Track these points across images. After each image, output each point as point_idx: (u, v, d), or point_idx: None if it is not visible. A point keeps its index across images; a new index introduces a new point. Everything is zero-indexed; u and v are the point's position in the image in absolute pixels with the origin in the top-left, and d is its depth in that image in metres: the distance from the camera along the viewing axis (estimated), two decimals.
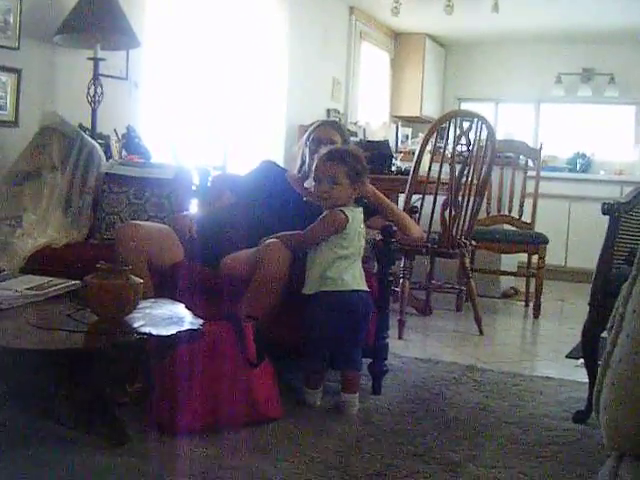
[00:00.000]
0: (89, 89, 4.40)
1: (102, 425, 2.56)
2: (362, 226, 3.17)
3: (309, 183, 3.44)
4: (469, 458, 2.65)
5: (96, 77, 4.39)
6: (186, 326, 2.57)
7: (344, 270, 3.08)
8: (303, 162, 3.70)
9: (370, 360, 3.37)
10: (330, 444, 2.71)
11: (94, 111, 4.41)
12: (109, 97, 4.52)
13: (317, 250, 3.11)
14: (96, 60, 4.38)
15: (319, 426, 2.88)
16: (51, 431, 2.60)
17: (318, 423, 2.91)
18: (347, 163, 3.13)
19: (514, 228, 6.08)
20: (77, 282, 2.82)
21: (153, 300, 2.89)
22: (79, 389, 2.57)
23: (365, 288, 3.15)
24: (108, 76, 4.67)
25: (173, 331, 2.50)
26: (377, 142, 5.85)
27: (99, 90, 4.40)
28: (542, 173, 6.37)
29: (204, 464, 2.45)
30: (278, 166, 3.89)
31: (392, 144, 6.06)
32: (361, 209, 3.19)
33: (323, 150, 3.21)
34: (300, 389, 3.16)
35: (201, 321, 2.62)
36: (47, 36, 4.35)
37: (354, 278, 3.10)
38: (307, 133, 3.72)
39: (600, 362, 1.18)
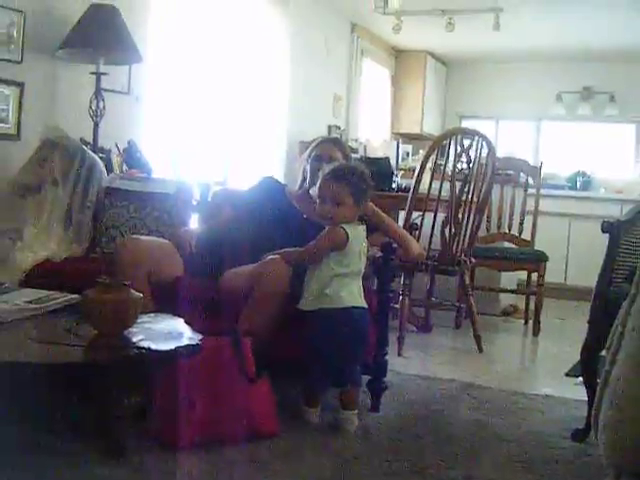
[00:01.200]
0: (91, 103, 4.41)
1: (101, 439, 2.56)
2: (364, 244, 3.15)
3: (314, 191, 3.40)
4: (467, 475, 2.64)
5: (98, 91, 4.41)
6: (185, 341, 2.57)
7: (342, 287, 3.07)
8: (304, 179, 3.70)
9: (369, 377, 3.36)
10: (328, 461, 2.70)
11: (96, 125, 4.42)
12: (111, 111, 4.54)
13: (316, 266, 3.10)
14: (98, 75, 4.39)
15: (317, 442, 2.87)
16: (50, 445, 2.59)
17: (316, 439, 2.91)
18: (351, 183, 3.10)
19: (514, 246, 6.09)
20: (77, 296, 2.81)
21: (153, 315, 2.89)
22: (78, 403, 2.57)
23: (363, 305, 3.13)
24: (110, 90, 4.68)
25: (172, 346, 2.51)
26: (378, 159, 5.86)
27: (101, 104, 4.41)
28: (542, 191, 6.38)
29: (201, 479, 2.45)
30: (278, 182, 3.88)
31: (393, 161, 6.07)
32: (364, 227, 3.18)
33: (327, 168, 3.19)
34: (298, 405, 3.15)
35: (200, 336, 2.62)
36: (50, 50, 4.37)
37: (351, 294, 3.08)
38: (308, 150, 3.72)
39: (599, 380, 1.18)
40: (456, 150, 4.68)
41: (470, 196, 4.75)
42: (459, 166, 4.72)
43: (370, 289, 3.39)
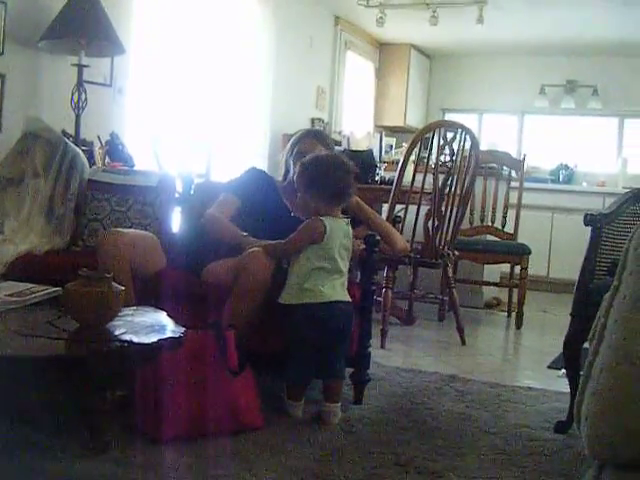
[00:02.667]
0: (73, 95, 4.39)
1: (83, 433, 2.54)
2: (347, 238, 3.13)
3: None
4: (450, 468, 2.64)
5: (80, 83, 4.39)
6: (168, 334, 2.56)
7: (324, 281, 3.06)
8: (287, 171, 3.68)
9: (352, 369, 3.36)
10: (311, 453, 2.70)
11: (78, 117, 4.40)
12: (93, 104, 4.52)
13: (297, 260, 3.09)
14: (80, 67, 4.37)
15: (300, 435, 2.87)
16: (32, 439, 2.58)
17: (299, 432, 2.90)
18: (306, 174, 3.13)
19: (497, 239, 6.10)
20: (58, 289, 2.80)
21: (135, 308, 2.88)
22: (60, 397, 2.56)
23: (346, 298, 3.13)
24: (92, 83, 4.66)
25: (155, 339, 2.49)
26: (361, 152, 5.85)
27: (83, 96, 4.39)
28: (525, 184, 6.40)
29: (185, 473, 2.44)
30: (266, 174, 3.83)
31: (376, 154, 6.06)
32: (348, 220, 3.17)
33: (306, 158, 3.21)
34: (282, 398, 3.15)
35: (183, 329, 2.61)
36: (31, 41, 4.35)
37: (333, 289, 3.07)
38: (290, 144, 3.69)
39: (582, 373, 1.18)
40: (439, 143, 4.68)
41: (453, 189, 4.76)
42: (442, 159, 4.72)
43: (353, 282, 3.38)
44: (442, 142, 4.69)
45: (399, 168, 4.73)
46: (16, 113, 4.30)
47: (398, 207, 4.77)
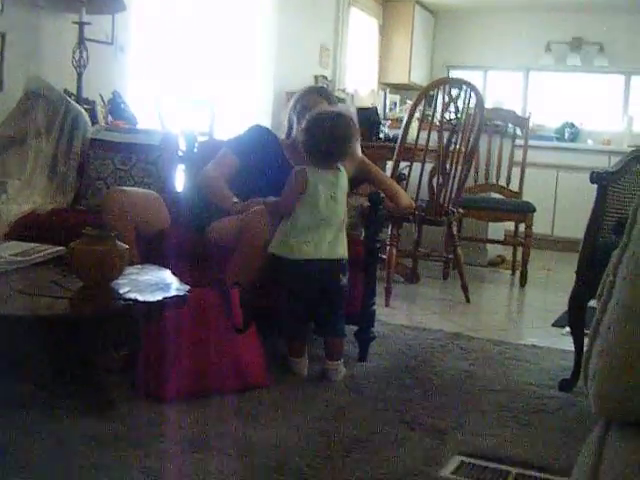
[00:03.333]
0: (74, 54, 4.35)
1: (89, 392, 2.55)
2: (336, 188, 3.07)
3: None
4: (455, 425, 2.66)
5: (81, 41, 4.35)
6: (172, 292, 2.56)
7: (307, 237, 3.03)
8: (290, 129, 3.65)
9: (357, 327, 3.37)
10: (316, 411, 2.71)
11: (79, 76, 4.36)
12: (95, 62, 4.48)
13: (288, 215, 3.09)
14: (81, 24, 4.32)
15: (305, 393, 2.88)
16: (38, 399, 2.59)
17: (304, 390, 2.92)
18: (303, 130, 3.14)
19: (502, 196, 6.08)
20: (62, 248, 2.79)
21: (139, 266, 2.88)
22: (65, 356, 2.56)
23: (334, 256, 3.07)
24: (93, 40, 4.61)
25: (159, 297, 2.49)
26: (365, 109, 5.82)
27: (84, 55, 4.35)
28: (530, 142, 6.35)
29: (190, 431, 2.45)
30: (270, 132, 3.79)
31: (380, 111, 6.03)
32: (338, 172, 3.12)
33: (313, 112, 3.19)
34: (286, 355, 3.16)
35: (187, 287, 2.61)
36: None
37: (317, 247, 3.03)
38: (293, 100, 3.66)
39: (588, 331, 1.17)
40: (444, 100, 4.65)
41: (458, 146, 4.73)
42: (447, 116, 4.69)
43: (357, 239, 3.37)
44: (447, 99, 4.65)
45: (403, 125, 4.71)
46: (17, 72, 4.27)
47: (402, 165, 4.74)
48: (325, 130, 3.06)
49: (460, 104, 4.67)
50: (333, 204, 3.07)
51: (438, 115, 4.69)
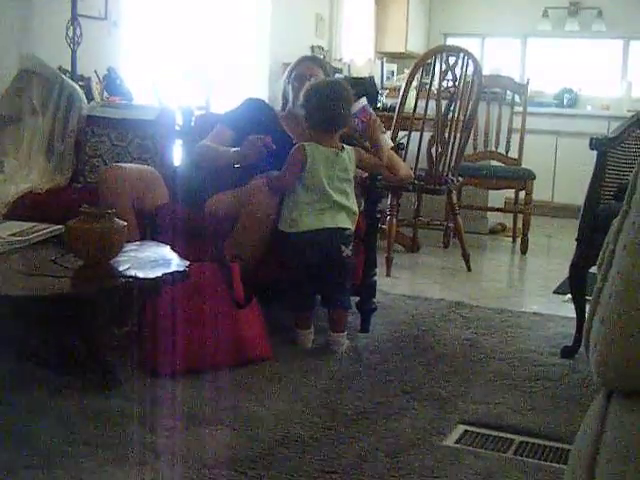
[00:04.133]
0: (68, 30, 4.31)
1: (91, 369, 2.56)
2: (337, 166, 3.07)
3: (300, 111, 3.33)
4: (458, 394, 2.66)
5: (74, 17, 4.31)
6: (172, 268, 2.56)
7: (307, 211, 3.04)
8: (286, 100, 3.63)
9: (358, 298, 3.37)
10: (319, 383, 2.72)
11: (74, 53, 4.33)
12: (88, 38, 4.44)
13: (290, 191, 3.10)
14: (74, 0, 4.28)
15: (308, 365, 2.89)
16: (41, 377, 2.59)
17: (307, 362, 2.92)
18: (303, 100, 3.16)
19: (501, 164, 6.06)
20: (61, 227, 2.78)
21: (138, 243, 2.88)
22: (67, 334, 2.57)
23: (336, 225, 3.06)
24: (87, 16, 4.57)
25: (159, 273, 2.49)
26: (362, 79, 5.78)
27: (78, 31, 4.32)
28: (529, 108, 6.32)
29: (194, 405, 2.46)
30: (266, 104, 3.77)
31: (377, 80, 5.99)
32: (346, 151, 3.12)
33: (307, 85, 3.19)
34: (290, 329, 3.16)
35: (187, 263, 2.61)
36: None
37: (318, 218, 3.04)
38: (288, 70, 3.64)
39: (589, 297, 1.17)
40: (441, 68, 4.62)
41: (456, 115, 4.71)
42: (444, 84, 4.66)
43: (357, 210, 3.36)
44: (444, 67, 4.62)
45: (401, 95, 4.68)
46: (10, 50, 4.23)
47: (401, 134, 4.73)
48: (323, 96, 3.09)
49: (457, 72, 4.64)
50: (334, 180, 3.07)
51: (436, 83, 4.67)
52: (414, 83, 4.72)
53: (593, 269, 2.85)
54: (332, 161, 3.07)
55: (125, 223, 2.59)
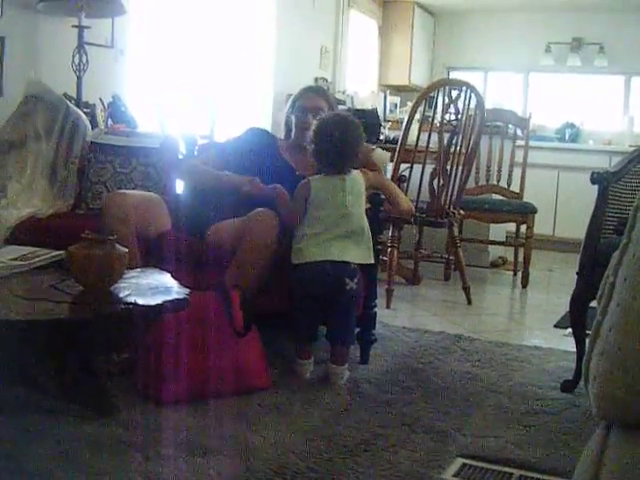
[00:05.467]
0: (74, 57, 4.35)
1: (89, 396, 2.55)
2: (344, 192, 3.07)
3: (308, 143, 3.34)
4: (457, 427, 2.65)
5: (81, 45, 4.34)
6: (173, 296, 2.55)
7: (314, 242, 3.05)
8: (289, 129, 3.65)
9: (358, 329, 3.36)
10: (317, 414, 2.70)
11: (79, 80, 4.36)
12: (94, 65, 4.47)
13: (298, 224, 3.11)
14: (81, 28, 4.32)
15: (307, 396, 2.87)
16: (38, 402, 2.58)
17: (306, 393, 2.91)
18: (313, 137, 3.15)
19: (503, 198, 6.07)
20: (62, 252, 2.78)
21: (140, 270, 2.87)
22: (66, 360, 2.56)
23: (342, 258, 3.06)
24: (93, 44, 4.61)
25: (159, 301, 2.48)
26: (365, 111, 5.81)
27: (84, 58, 4.35)
28: (531, 142, 6.35)
29: (191, 434, 2.44)
30: (268, 133, 3.78)
31: (380, 113, 6.02)
32: (354, 177, 3.12)
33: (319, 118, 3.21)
34: (289, 358, 3.15)
35: (187, 290, 2.61)
36: (30, 3, 4.29)
37: (324, 249, 3.04)
38: (292, 100, 3.65)
39: (589, 332, 1.16)
40: (444, 101, 4.64)
41: (459, 148, 4.73)
42: (447, 117, 4.69)
43: None
44: (447, 100, 4.65)
45: (404, 127, 4.70)
46: (17, 76, 4.26)
47: (403, 166, 4.74)
48: (334, 138, 3.08)
49: (460, 105, 4.66)
50: (342, 209, 3.07)
51: (438, 116, 4.69)
52: (417, 116, 4.74)
53: (594, 303, 2.84)
54: (341, 187, 3.08)
55: (126, 250, 2.59)
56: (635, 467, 1.00)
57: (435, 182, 4.75)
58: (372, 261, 3.17)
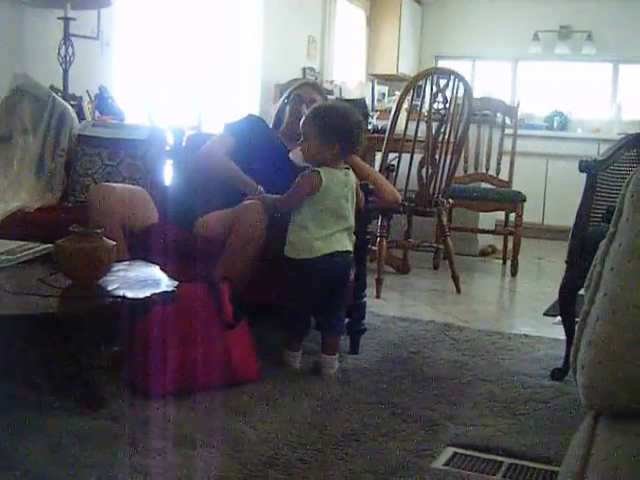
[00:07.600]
0: (60, 50, 4.32)
1: (78, 390, 2.54)
2: (346, 188, 3.05)
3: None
4: (446, 416, 2.65)
5: (67, 37, 4.32)
6: (161, 288, 2.55)
7: (317, 234, 3.01)
8: (280, 119, 3.65)
9: (348, 319, 3.36)
10: (308, 404, 2.70)
11: (65, 72, 4.34)
12: (80, 57, 4.45)
13: (295, 214, 3.05)
14: (66, 20, 4.30)
15: (297, 387, 2.87)
16: (27, 397, 2.58)
17: (296, 384, 2.91)
18: (320, 121, 3.04)
19: (491, 186, 6.08)
20: (50, 246, 2.77)
21: (127, 262, 2.87)
22: (54, 354, 2.55)
23: (345, 248, 3.06)
24: (79, 36, 4.58)
25: (148, 293, 2.48)
26: (353, 100, 5.79)
27: (70, 50, 4.33)
28: (519, 131, 6.36)
29: (180, 426, 2.44)
30: (265, 122, 3.76)
31: (368, 102, 6.01)
32: (347, 170, 3.11)
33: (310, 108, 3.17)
34: (278, 350, 3.15)
35: (176, 283, 2.60)
36: None
37: (327, 241, 3.01)
38: (288, 91, 3.67)
39: (578, 320, 1.17)
40: (432, 90, 4.64)
41: (447, 136, 4.73)
42: (435, 106, 4.68)
43: None
44: (435, 89, 4.64)
45: (392, 116, 4.70)
46: (2, 70, 4.24)
47: (391, 156, 4.74)
48: (351, 122, 3.05)
49: (448, 94, 4.66)
50: (344, 202, 3.06)
51: (426, 105, 4.69)
52: (405, 105, 4.73)
53: (582, 291, 2.85)
54: (344, 182, 3.06)
55: (114, 243, 2.58)
56: (623, 455, 1.00)
57: (423, 171, 4.75)
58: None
